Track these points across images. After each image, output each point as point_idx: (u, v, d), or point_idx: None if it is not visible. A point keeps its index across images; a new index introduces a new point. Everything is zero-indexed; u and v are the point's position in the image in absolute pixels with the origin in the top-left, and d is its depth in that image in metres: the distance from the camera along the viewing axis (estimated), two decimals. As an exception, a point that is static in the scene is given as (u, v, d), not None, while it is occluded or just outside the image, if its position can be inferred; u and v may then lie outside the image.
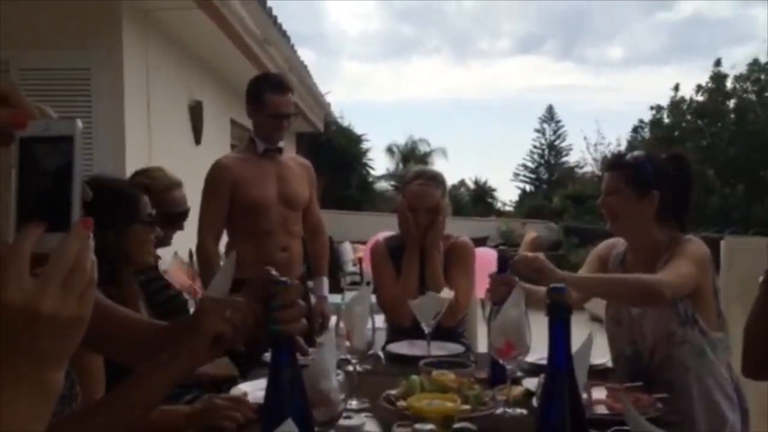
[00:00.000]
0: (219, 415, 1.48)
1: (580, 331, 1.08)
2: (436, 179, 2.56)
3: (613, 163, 2.18)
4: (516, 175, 33.96)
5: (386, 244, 2.62)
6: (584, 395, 1.35)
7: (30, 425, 0.60)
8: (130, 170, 3.87)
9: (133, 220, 1.72)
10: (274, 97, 2.83)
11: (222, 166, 2.85)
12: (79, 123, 0.64)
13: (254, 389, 1.67)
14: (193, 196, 2.67)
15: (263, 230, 2.82)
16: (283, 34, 6.14)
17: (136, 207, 1.75)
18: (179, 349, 0.92)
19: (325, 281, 3.09)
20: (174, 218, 2.36)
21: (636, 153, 2.13)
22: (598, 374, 1.90)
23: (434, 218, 2.47)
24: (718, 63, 17.78)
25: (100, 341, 1.03)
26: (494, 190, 29.60)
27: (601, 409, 1.53)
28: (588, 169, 22.35)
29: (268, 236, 2.82)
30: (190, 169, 3.21)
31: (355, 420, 1.36)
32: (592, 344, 1.32)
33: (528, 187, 33.18)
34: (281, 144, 2.95)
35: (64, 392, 0.96)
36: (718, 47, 60.69)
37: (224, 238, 2.95)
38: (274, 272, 0.93)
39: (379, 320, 2.52)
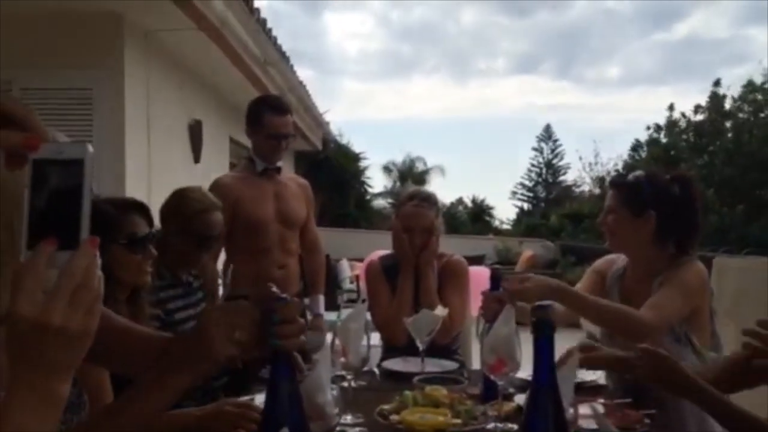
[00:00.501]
0: (230, 419, 1.50)
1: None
2: (430, 200, 2.62)
3: (613, 182, 2.23)
4: (514, 193, 34.07)
5: (381, 263, 2.67)
6: (570, 410, 1.39)
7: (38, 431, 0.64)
8: (130, 188, 3.95)
9: (109, 240, 1.68)
10: (273, 118, 2.90)
11: (222, 184, 2.90)
12: (90, 147, 0.68)
13: (260, 402, 1.70)
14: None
15: (261, 248, 2.86)
16: (283, 54, 6.22)
17: (114, 227, 1.73)
18: (183, 369, 0.93)
19: (322, 299, 3.14)
20: (201, 241, 2.27)
21: (638, 172, 2.14)
22: (589, 390, 1.94)
23: (428, 238, 2.52)
24: (717, 83, 17.96)
25: (100, 353, 1.06)
26: (492, 208, 29.61)
27: (589, 424, 1.56)
28: (585, 188, 22.47)
29: (266, 254, 2.87)
30: (189, 188, 3.26)
31: (350, 434, 1.40)
32: (578, 360, 1.36)
33: (526, 206, 33.26)
34: (279, 163, 3.01)
35: (72, 399, 0.98)
36: (714, 68, 61.19)
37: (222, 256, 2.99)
38: (274, 288, 0.96)
39: (375, 338, 2.56)
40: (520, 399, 1.77)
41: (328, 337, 1.79)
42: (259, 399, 1.74)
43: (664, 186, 2.06)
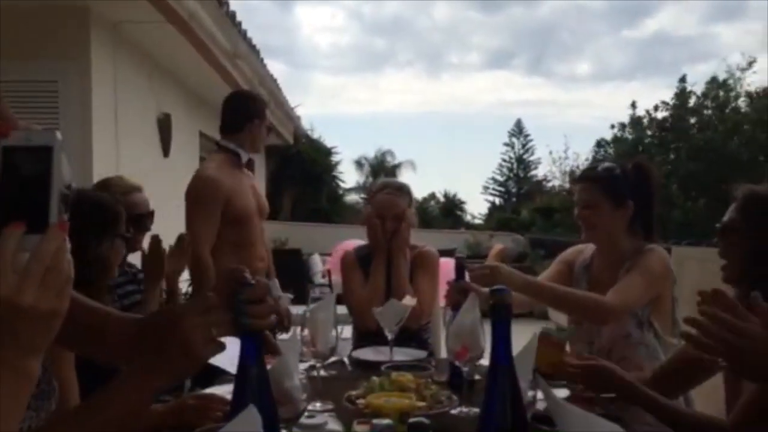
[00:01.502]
0: (195, 413, 1.53)
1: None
2: (402, 189, 2.69)
3: (587, 176, 2.22)
4: (485, 188, 34.37)
5: (356, 253, 2.74)
6: (529, 393, 1.44)
7: (12, 406, 0.67)
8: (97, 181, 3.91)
9: (115, 233, 1.86)
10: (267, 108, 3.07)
11: (213, 178, 2.83)
12: (59, 134, 0.70)
13: (224, 393, 1.71)
14: (161, 205, 2.70)
15: (247, 241, 2.89)
16: (253, 48, 6.19)
17: (118, 222, 1.89)
18: (163, 372, 0.93)
19: (276, 282, 3.16)
20: (139, 219, 2.41)
21: (607, 164, 2.17)
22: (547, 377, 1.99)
23: (399, 225, 2.58)
24: (683, 79, 18.27)
25: (66, 333, 1.05)
26: (464, 203, 29.90)
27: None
28: (556, 182, 22.74)
29: (251, 247, 2.91)
30: (158, 181, 3.26)
31: (318, 419, 1.43)
32: (536, 345, 1.41)
33: (497, 200, 33.58)
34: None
35: (43, 387, 0.98)
36: (681, 64, 62.27)
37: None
38: (246, 274, 0.97)
39: (347, 331, 2.61)
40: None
41: (297, 328, 1.81)
42: (221, 390, 1.76)
43: (633, 175, 2.12)
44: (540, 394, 1.65)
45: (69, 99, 3.98)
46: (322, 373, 1.82)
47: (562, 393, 1.75)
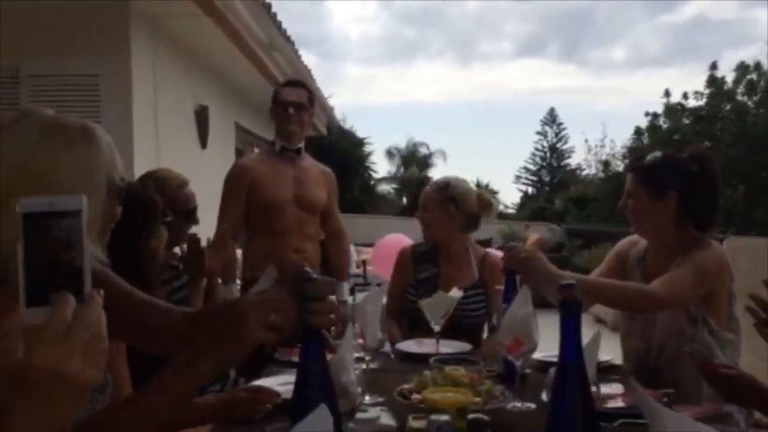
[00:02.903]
0: (245, 405, 1.53)
1: (586, 330, 1.12)
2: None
3: (631, 166, 2.16)
4: (518, 177, 34.08)
5: (411, 250, 2.72)
6: (593, 388, 1.40)
7: None
8: (138, 174, 3.94)
9: (159, 221, 1.90)
10: (284, 89, 2.98)
11: (241, 165, 2.94)
12: (85, 199, 0.67)
13: (271, 384, 1.71)
14: (199, 198, 2.72)
15: (277, 231, 2.87)
16: (288, 38, 6.20)
17: (159, 211, 1.91)
18: (213, 351, 0.93)
19: (346, 286, 3.12)
20: (189, 214, 2.43)
21: (655, 154, 2.08)
22: (603, 371, 1.95)
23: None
24: (713, 66, 17.84)
25: (121, 326, 1.05)
26: (496, 192, 29.63)
27: (609, 403, 1.58)
28: (590, 171, 22.39)
29: (282, 237, 2.87)
30: (196, 173, 3.26)
31: (371, 413, 1.41)
32: (600, 341, 1.37)
33: (530, 190, 33.27)
34: (300, 145, 3.01)
35: None
36: (720, 49, 60.83)
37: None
38: (307, 268, 0.97)
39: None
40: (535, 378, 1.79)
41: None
42: (269, 382, 1.76)
43: (683, 165, 2.01)
44: (605, 389, 1.62)
45: (110, 93, 4.03)
46: (369, 365, 1.80)
47: (615, 389, 1.72)
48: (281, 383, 1.70)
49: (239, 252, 3.01)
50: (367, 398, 1.63)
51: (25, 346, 0.63)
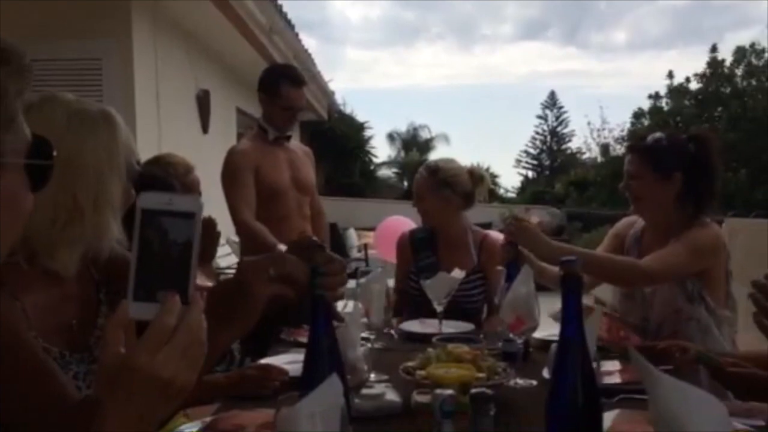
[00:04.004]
0: (254, 383, 1.57)
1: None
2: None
3: (634, 147, 2.16)
4: (518, 161, 33.96)
5: (410, 236, 2.74)
6: (594, 365, 1.43)
7: None
8: (142, 158, 3.96)
9: None
10: (290, 90, 2.93)
11: (241, 151, 2.92)
12: (202, 201, 0.67)
13: (278, 363, 1.75)
14: (201, 183, 2.73)
15: (281, 215, 2.90)
16: (288, 22, 6.19)
17: (176, 192, 1.90)
18: (230, 320, 0.96)
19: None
20: None
21: (657, 135, 2.10)
22: (602, 348, 1.98)
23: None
24: (713, 49, 17.73)
25: None
26: (497, 176, 29.54)
27: (608, 380, 1.61)
28: (591, 155, 22.33)
29: (286, 221, 2.91)
30: (198, 158, 3.27)
31: (377, 389, 1.45)
32: (599, 318, 1.40)
33: (530, 174, 33.19)
34: (289, 131, 3.05)
35: None
36: (722, 31, 60.35)
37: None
38: (315, 237, 1.00)
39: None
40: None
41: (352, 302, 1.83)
42: (276, 361, 1.79)
43: (686, 146, 2.04)
44: (604, 366, 1.66)
45: (112, 77, 4.04)
46: (374, 344, 1.83)
47: (614, 365, 1.75)
48: (288, 362, 1.74)
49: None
50: (372, 376, 1.66)
51: (128, 343, 0.64)
